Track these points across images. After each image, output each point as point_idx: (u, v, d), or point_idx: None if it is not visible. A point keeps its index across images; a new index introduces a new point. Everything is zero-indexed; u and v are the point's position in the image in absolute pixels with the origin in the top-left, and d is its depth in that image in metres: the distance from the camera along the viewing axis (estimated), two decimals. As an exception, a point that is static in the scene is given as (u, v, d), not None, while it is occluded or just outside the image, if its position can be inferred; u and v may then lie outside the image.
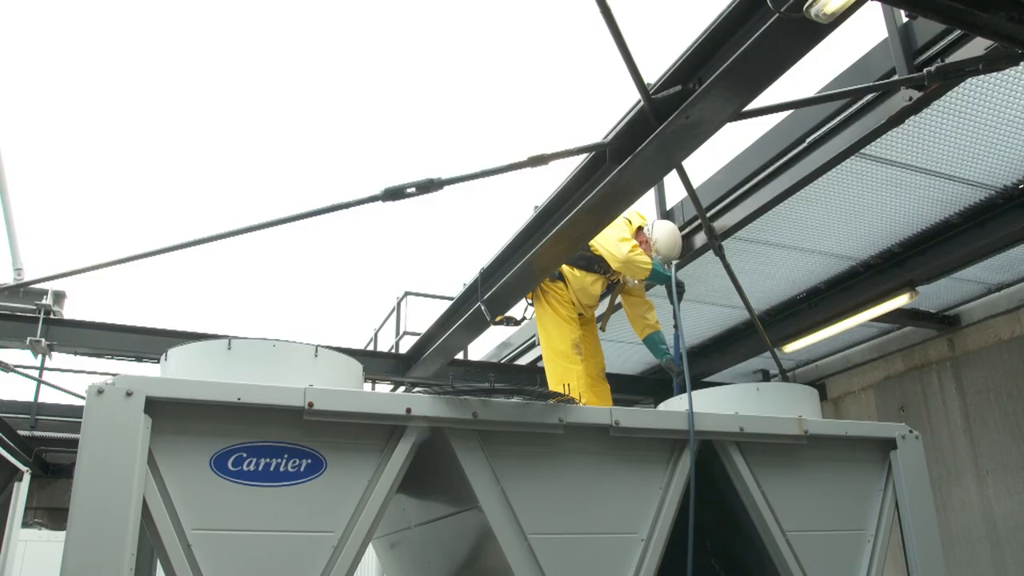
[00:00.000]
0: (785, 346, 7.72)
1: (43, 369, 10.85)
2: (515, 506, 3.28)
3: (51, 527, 12.65)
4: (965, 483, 7.72)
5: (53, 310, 7.05)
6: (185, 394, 2.96)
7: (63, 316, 7.20)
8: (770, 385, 4.43)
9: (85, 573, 2.66)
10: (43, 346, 6.75)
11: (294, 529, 2.98)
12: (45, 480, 14.21)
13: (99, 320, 7.00)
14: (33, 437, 11.62)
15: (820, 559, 3.88)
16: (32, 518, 13.61)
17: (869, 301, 6.84)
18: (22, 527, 11.75)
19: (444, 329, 5.90)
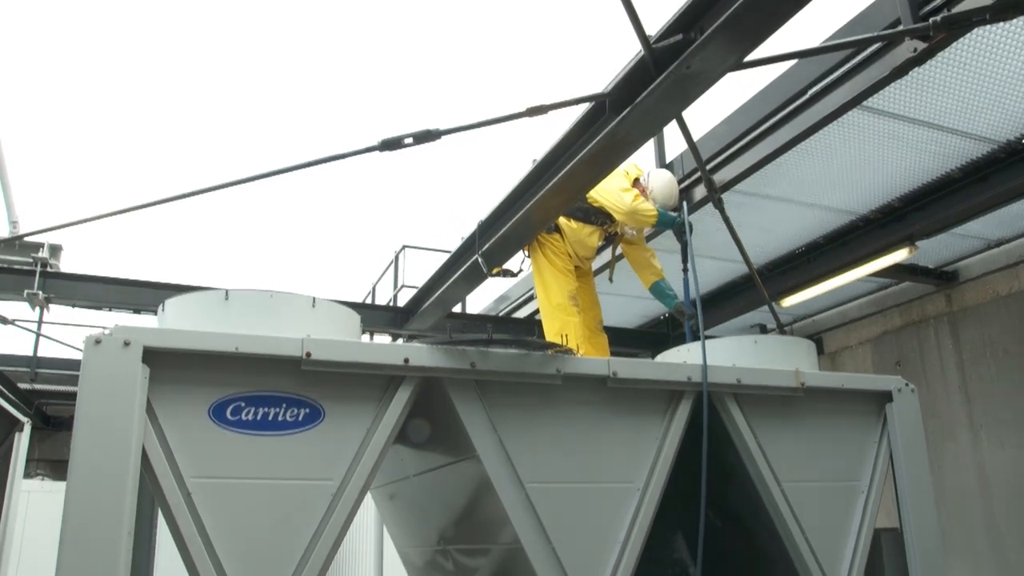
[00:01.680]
0: (783, 300, 7.73)
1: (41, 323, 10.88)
2: (512, 456, 3.30)
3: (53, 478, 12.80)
4: (959, 437, 7.79)
5: (50, 263, 7.04)
6: (182, 344, 2.95)
7: (60, 269, 7.20)
8: (768, 338, 4.45)
9: (86, 521, 2.68)
10: (40, 299, 6.75)
11: (293, 477, 2.99)
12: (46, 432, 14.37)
13: (96, 273, 7.00)
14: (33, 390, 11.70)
15: (814, 509, 3.92)
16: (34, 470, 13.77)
17: (868, 256, 6.84)
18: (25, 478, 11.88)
19: (442, 282, 5.90)
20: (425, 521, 4.38)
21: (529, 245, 5.42)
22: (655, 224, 5.32)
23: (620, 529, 3.46)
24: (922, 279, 8.00)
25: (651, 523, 3.53)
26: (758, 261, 7.27)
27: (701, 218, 6.26)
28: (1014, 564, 7.16)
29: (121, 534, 2.70)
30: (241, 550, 2.89)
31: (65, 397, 11.36)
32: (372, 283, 11.39)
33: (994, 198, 5.95)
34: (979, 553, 7.44)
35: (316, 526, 2.98)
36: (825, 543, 3.91)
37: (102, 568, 2.65)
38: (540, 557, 3.28)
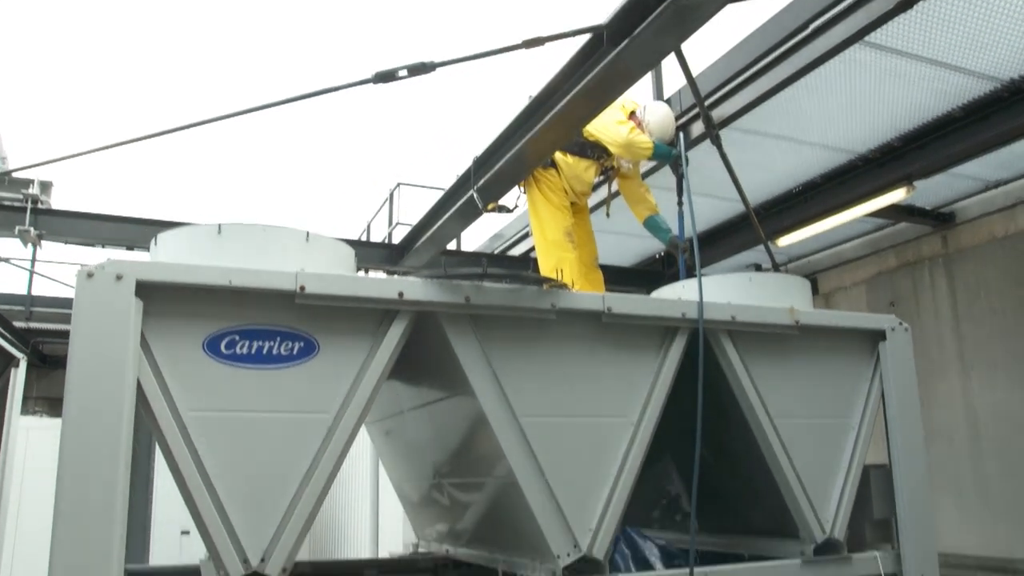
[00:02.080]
0: (778, 240, 7.72)
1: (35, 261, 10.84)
2: (507, 390, 3.31)
3: (51, 415, 12.90)
4: (949, 378, 7.87)
5: (40, 199, 6.99)
6: (176, 278, 2.94)
7: (51, 206, 7.14)
8: (763, 275, 4.44)
9: (83, 455, 2.69)
10: (32, 236, 6.71)
11: (288, 410, 3.01)
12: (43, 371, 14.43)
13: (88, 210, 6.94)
14: (29, 329, 11.70)
15: (805, 445, 3.96)
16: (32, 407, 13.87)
17: (865, 195, 6.81)
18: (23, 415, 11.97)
19: (436, 218, 5.86)
20: (420, 456, 4.42)
21: (525, 181, 5.39)
22: (651, 156, 5.28)
23: (613, 463, 3.50)
24: (919, 220, 7.98)
25: (644, 457, 3.56)
26: (754, 200, 7.22)
27: (698, 156, 6.21)
28: (998, 501, 7.30)
29: (118, 467, 2.71)
30: (238, 482, 2.92)
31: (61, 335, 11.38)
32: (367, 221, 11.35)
33: (995, 137, 5.90)
34: (964, 490, 7.58)
35: (311, 458, 3.00)
36: (815, 478, 3.97)
37: (100, 501, 2.67)
38: (534, 490, 3.32)
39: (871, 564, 4.03)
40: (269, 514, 2.94)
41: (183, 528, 9.46)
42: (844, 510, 4.02)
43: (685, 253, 5.30)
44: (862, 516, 4.19)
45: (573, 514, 3.36)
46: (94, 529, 2.65)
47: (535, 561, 3.47)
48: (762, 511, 4.22)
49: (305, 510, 2.97)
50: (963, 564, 7.30)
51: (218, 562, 2.88)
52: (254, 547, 2.89)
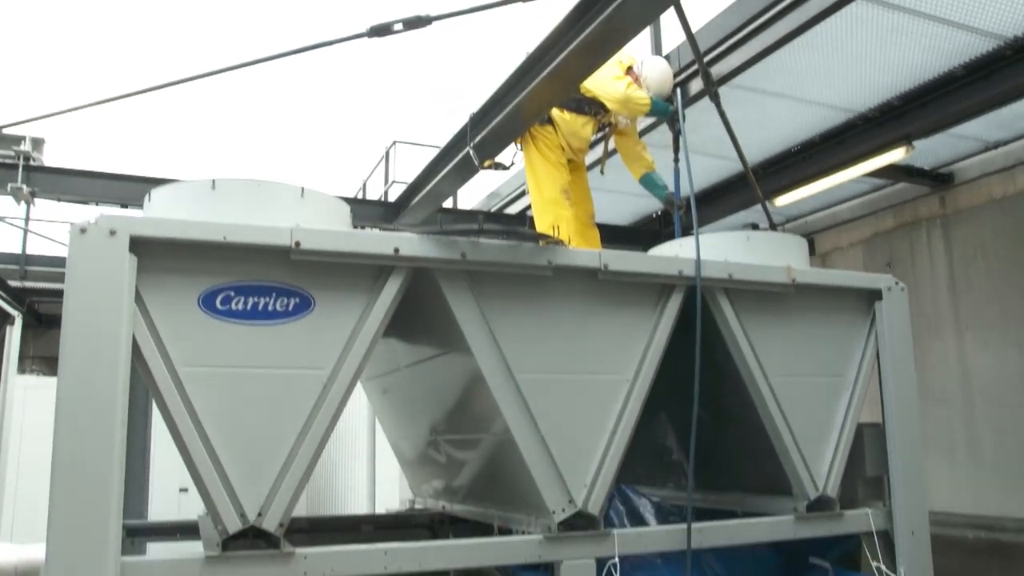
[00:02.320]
0: (776, 199, 7.69)
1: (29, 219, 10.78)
2: (503, 346, 3.31)
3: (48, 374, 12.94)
4: (944, 338, 7.90)
5: (33, 156, 6.91)
6: (170, 233, 2.92)
7: (43, 163, 7.07)
8: (760, 234, 4.43)
9: (79, 410, 2.69)
10: (25, 193, 6.65)
11: (283, 366, 3.01)
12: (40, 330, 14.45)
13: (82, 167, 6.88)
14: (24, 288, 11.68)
15: (800, 404, 3.98)
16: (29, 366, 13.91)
17: (864, 155, 6.77)
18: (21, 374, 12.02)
19: (433, 175, 5.82)
20: (416, 413, 4.44)
21: (521, 138, 5.35)
22: (649, 113, 5.24)
23: (609, 420, 3.51)
24: (917, 180, 7.95)
25: (639, 415, 3.58)
26: (752, 159, 7.17)
27: (695, 114, 6.15)
28: (989, 460, 7.37)
29: (115, 423, 2.72)
30: (234, 437, 2.92)
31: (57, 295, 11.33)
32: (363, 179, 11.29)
33: (996, 96, 5.85)
34: (956, 449, 7.65)
35: (307, 414, 3.01)
36: (809, 436, 3.99)
37: (97, 457, 2.68)
38: (529, 446, 3.34)
39: (863, 521, 4.07)
40: (266, 469, 2.95)
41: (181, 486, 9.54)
42: (837, 468, 4.05)
43: (681, 210, 5.28)
44: (855, 474, 4.23)
45: (568, 470, 3.38)
46: (92, 485, 2.66)
47: (530, 516, 3.50)
48: (756, 468, 4.25)
49: (302, 465, 2.98)
50: (953, 523, 7.39)
51: (216, 517, 2.90)
52: (251, 502, 2.91)
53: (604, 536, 3.44)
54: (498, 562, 3.53)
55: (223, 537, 2.88)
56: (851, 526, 4.06)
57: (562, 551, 3.35)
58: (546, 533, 3.35)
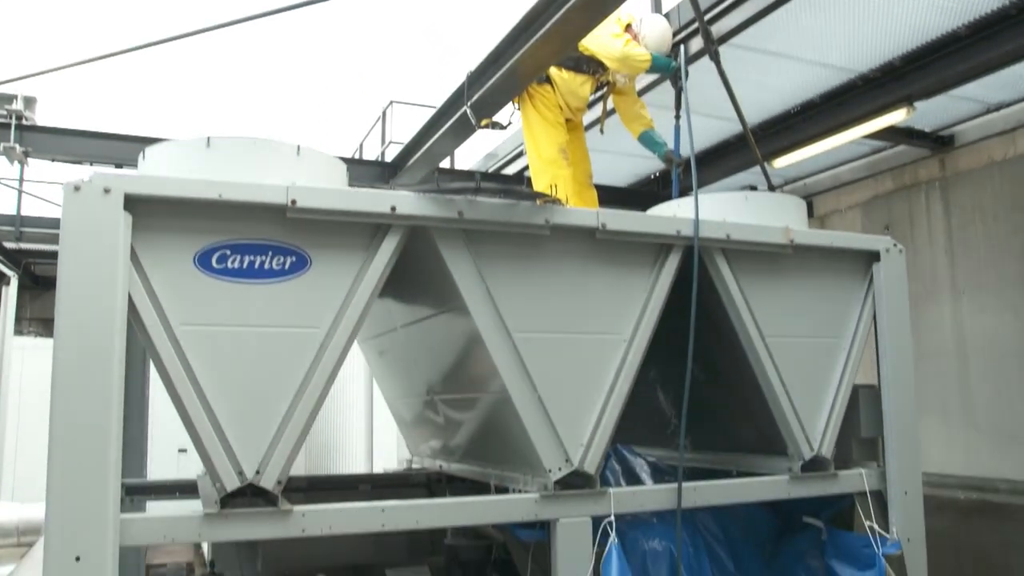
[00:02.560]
0: (775, 161, 7.65)
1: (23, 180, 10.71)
2: (500, 306, 3.31)
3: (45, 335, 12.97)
4: (941, 301, 7.90)
5: (25, 115, 6.84)
6: (164, 191, 2.89)
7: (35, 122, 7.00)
8: (758, 194, 4.42)
9: (75, 369, 2.69)
10: (18, 153, 6.60)
11: (280, 325, 3.00)
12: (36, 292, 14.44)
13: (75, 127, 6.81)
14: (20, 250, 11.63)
15: (796, 364, 3.99)
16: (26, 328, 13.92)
17: (864, 116, 6.72)
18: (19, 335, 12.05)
19: (430, 135, 5.78)
20: (413, 373, 4.45)
21: (519, 97, 5.29)
22: (649, 69, 5.18)
23: (606, 379, 3.52)
24: (917, 143, 7.90)
25: (636, 374, 3.58)
26: (752, 120, 7.11)
27: (695, 75, 6.07)
28: (983, 423, 7.42)
29: (111, 380, 2.72)
30: (231, 396, 2.93)
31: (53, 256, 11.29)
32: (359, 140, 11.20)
33: (1000, 57, 5.78)
34: (950, 412, 7.70)
35: (304, 373, 3.01)
36: (805, 397, 4.01)
37: (94, 414, 2.68)
38: (526, 405, 3.35)
39: (856, 481, 4.11)
40: (263, 427, 2.96)
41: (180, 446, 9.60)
42: (832, 428, 4.07)
43: (680, 168, 5.24)
44: (849, 434, 4.25)
45: (565, 429, 3.40)
46: (90, 443, 2.67)
47: (527, 475, 3.52)
48: (751, 429, 4.28)
49: (299, 424, 2.99)
50: (945, 484, 7.46)
51: (214, 475, 2.91)
52: (249, 460, 2.92)
53: (600, 495, 3.46)
54: (495, 520, 3.56)
55: (221, 495, 2.89)
56: (845, 486, 4.10)
57: (558, 509, 3.38)
58: (543, 492, 3.37)
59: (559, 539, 3.36)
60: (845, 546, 4.00)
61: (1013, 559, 6.87)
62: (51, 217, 11.11)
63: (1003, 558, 6.94)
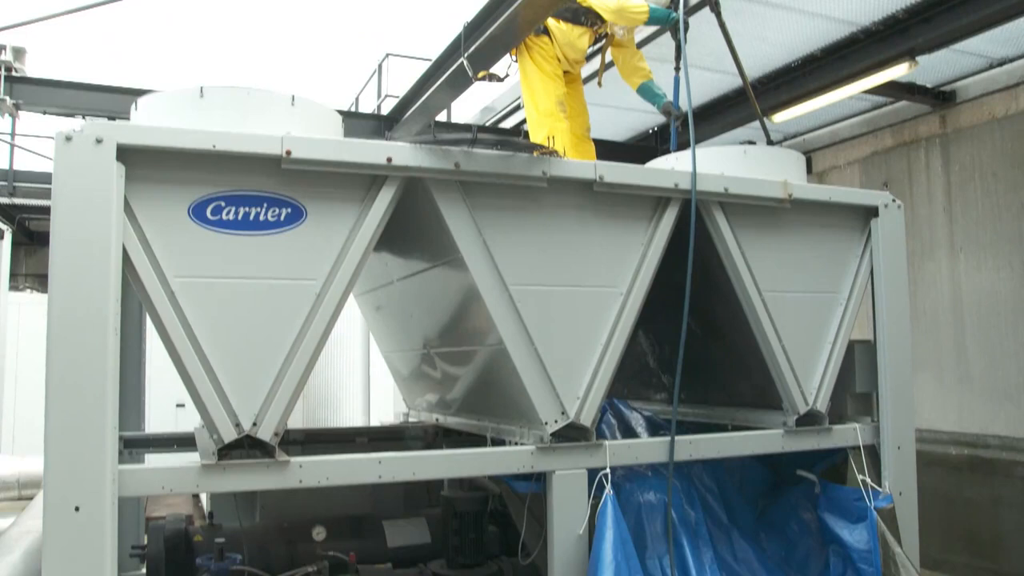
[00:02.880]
0: (774, 116, 7.57)
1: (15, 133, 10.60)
2: (496, 258, 3.29)
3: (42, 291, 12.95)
4: (938, 259, 7.89)
5: (14, 67, 6.73)
6: (157, 141, 2.86)
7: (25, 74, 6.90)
8: (757, 148, 4.37)
9: (70, 321, 2.68)
10: (8, 105, 6.52)
11: (276, 277, 2.99)
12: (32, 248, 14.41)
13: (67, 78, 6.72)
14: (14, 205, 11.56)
15: (793, 319, 4.00)
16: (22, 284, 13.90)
17: (866, 70, 6.63)
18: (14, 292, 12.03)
19: (426, 87, 5.71)
20: (410, 327, 4.45)
21: (516, 49, 5.21)
22: (648, 21, 5.09)
23: (602, 332, 3.52)
24: (918, 98, 7.81)
25: (632, 327, 3.59)
26: (752, 73, 7.02)
27: (694, 27, 5.96)
28: (976, 379, 7.46)
29: (107, 330, 2.71)
30: (227, 348, 2.93)
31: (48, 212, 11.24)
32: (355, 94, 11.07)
33: (1005, 10, 5.68)
34: (945, 368, 7.73)
35: (300, 325, 3.01)
36: (801, 351, 4.02)
37: (90, 365, 2.69)
38: (523, 358, 3.36)
39: (850, 435, 4.14)
40: (260, 379, 2.96)
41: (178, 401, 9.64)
42: (827, 383, 4.09)
43: (678, 121, 5.18)
44: (844, 389, 4.28)
45: (561, 382, 3.41)
46: (86, 394, 2.68)
47: (523, 428, 3.54)
48: (747, 383, 4.30)
49: (295, 376, 2.99)
50: (938, 440, 7.53)
51: (211, 427, 2.92)
52: (246, 412, 2.93)
53: (596, 447, 3.48)
54: (491, 472, 3.59)
55: (219, 446, 2.91)
56: (839, 440, 4.13)
57: (554, 461, 3.40)
58: (539, 444, 3.39)
59: (555, 491, 3.39)
60: (838, 499, 4.05)
61: (1002, 513, 6.96)
62: (45, 172, 11.03)
63: (992, 512, 7.04)
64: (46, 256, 2.77)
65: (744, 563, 4.12)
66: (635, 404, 4.63)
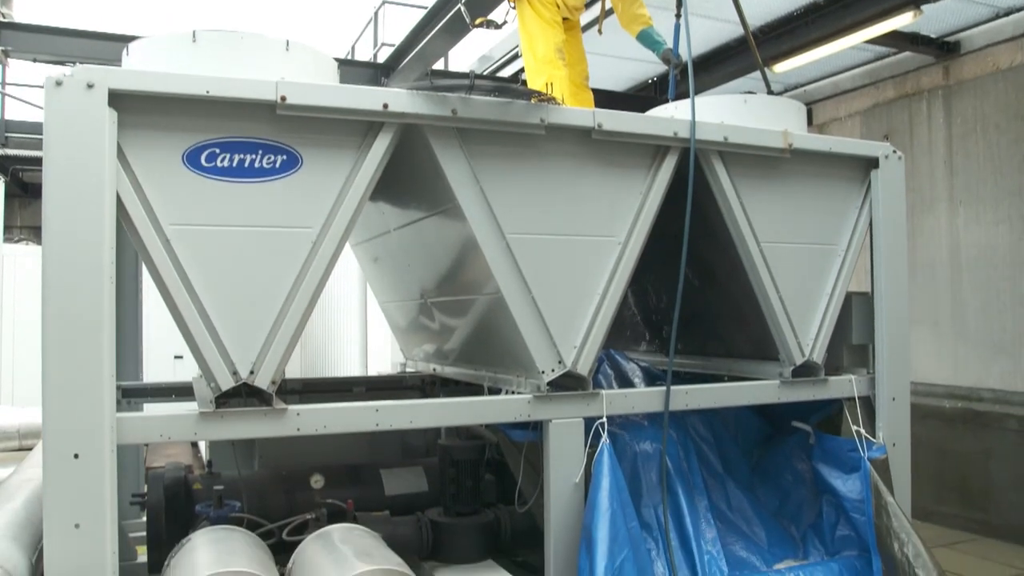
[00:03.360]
0: (775, 66, 7.48)
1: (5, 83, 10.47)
2: (494, 206, 3.27)
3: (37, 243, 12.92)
4: (937, 212, 7.88)
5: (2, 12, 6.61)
6: (150, 86, 2.81)
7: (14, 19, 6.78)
8: (757, 97, 4.32)
9: (65, 270, 2.66)
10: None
11: (272, 224, 2.97)
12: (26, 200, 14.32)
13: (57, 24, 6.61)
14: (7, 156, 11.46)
15: (790, 269, 3.99)
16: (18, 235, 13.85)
17: (870, 19, 6.53)
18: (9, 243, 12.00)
19: (423, 34, 5.62)
20: (407, 277, 4.44)
21: (515, -7, 5.10)
22: None
23: (599, 282, 3.51)
24: (922, 49, 7.72)
25: (630, 277, 3.58)
26: (753, 22, 6.93)
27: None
28: (972, 332, 7.49)
29: (103, 280, 2.70)
30: (224, 296, 2.92)
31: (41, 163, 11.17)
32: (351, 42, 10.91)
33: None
34: (941, 322, 7.76)
35: (297, 273, 2.99)
36: (798, 303, 4.01)
37: (86, 314, 2.67)
38: (520, 307, 3.35)
39: (846, 386, 4.16)
40: (257, 328, 2.96)
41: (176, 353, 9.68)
42: (824, 334, 4.09)
43: (677, 69, 5.11)
44: (841, 341, 4.28)
45: (558, 331, 3.41)
46: (82, 341, 2.67)
47: (520, 377, 3.55)
48: (744, 334, 4.30)
49: (292, 324, 2.98)
50: (933, 393, 7.59)
51: (208, 375, 2.92)
52: (243, 360, 2.93)
53: (592, 396, 3.50)
54: (488, 420, 3.61)
55: (216, 394, 2.91)
56: (834, 391, 4.15)
57: (551, 410, 3.41)
58: (536, 393, 3.40)
59: (551, 439, 3.40)
60: (832, 450, 4.08)
61: (993, 466, 7.04)
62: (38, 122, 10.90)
63: (983, 464, 7.12)
64: (40, 208, 2.73)
65: (738, 512, 4.17)
66: (632, 355, 4.65)
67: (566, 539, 3.38)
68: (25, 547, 2.80)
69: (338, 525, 3.21)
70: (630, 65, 8.13)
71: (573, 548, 3.33)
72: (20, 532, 2.88)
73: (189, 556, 2.80)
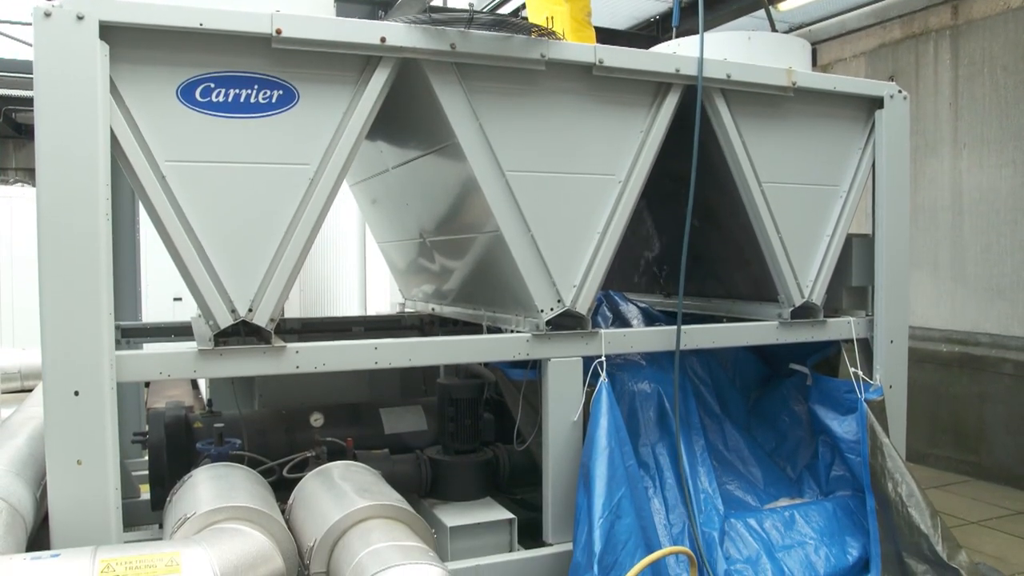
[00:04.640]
0: (780, 3, 7.33)
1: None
2: (493, 143, 3.23)
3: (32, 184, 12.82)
4: (940, 155, 7.79)
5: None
6: (141, 18, 2.75)
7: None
8: (762, 34, 4.23)
9: (60, 207, 2.64)
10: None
11: (269, 161, 2.93)
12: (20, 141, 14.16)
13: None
14: (0, 96, 11.28)
15: (791, 210, 3.96)
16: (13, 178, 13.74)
17: (877, -44, 6.38)
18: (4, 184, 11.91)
19: (421, -29, 5.50)
20: (406, 216, 4.41)
21: (515, -72, 4.99)
22: None
23: (599, 220, 3.49)
24: (932, -13, 7.56)
25: (630, 216, 3.55)
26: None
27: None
28: (971, 277, 7.47)
29: (98, 217, 2.67)
30: (221, 233, 2.90)
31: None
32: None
33: None
34: (941, 266, 7.74)
35: (295, 210, 2.97)
36: (799, 243, 4.00)
37: (82, 250, 2.66)
38: (519, 245, 3.34)
39: (844, 328, 4.16)
40: (255, 265, 2.95)
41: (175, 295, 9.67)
42: (824, 276, 4.09)
43: None
44: (840, 283, 4.28)
45: (557, 270, 3.40)
46: (80, 280, 2.66)
47: (519, 316, 3.55)
48: (744, 275, 4.29)
49: (290, 261, 2.97)
50: (930, 336, 7.60)
51: (207, 313, 2.92)
52: (241, 298, 2.93)
53: (591, 335, 3.50)
54: (487, 359, 3.62)
55: (215, 332, 2.91)
56: (833, 333, 4.15)
57: (550, 349, 3.42)
58: (534, 331, 3.40)
59: (550, 378, 3.42)
60: (828, 391, 4.10)
61: (987, 409, 7.09)
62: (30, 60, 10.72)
63: (978, 407, 7.16)
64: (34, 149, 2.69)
65: (735, 452, 4.21)
66: (631, 296, 4.65)
67: (564, 477, 3.42)
68: (29, 482, 2.82)
69: (338, 463, 3.23)
70: (632, 2, 7.97)
71: (571, 486, 3.37)
72: (23, 468, 2.90)
73: (191, 492, 2.82)
